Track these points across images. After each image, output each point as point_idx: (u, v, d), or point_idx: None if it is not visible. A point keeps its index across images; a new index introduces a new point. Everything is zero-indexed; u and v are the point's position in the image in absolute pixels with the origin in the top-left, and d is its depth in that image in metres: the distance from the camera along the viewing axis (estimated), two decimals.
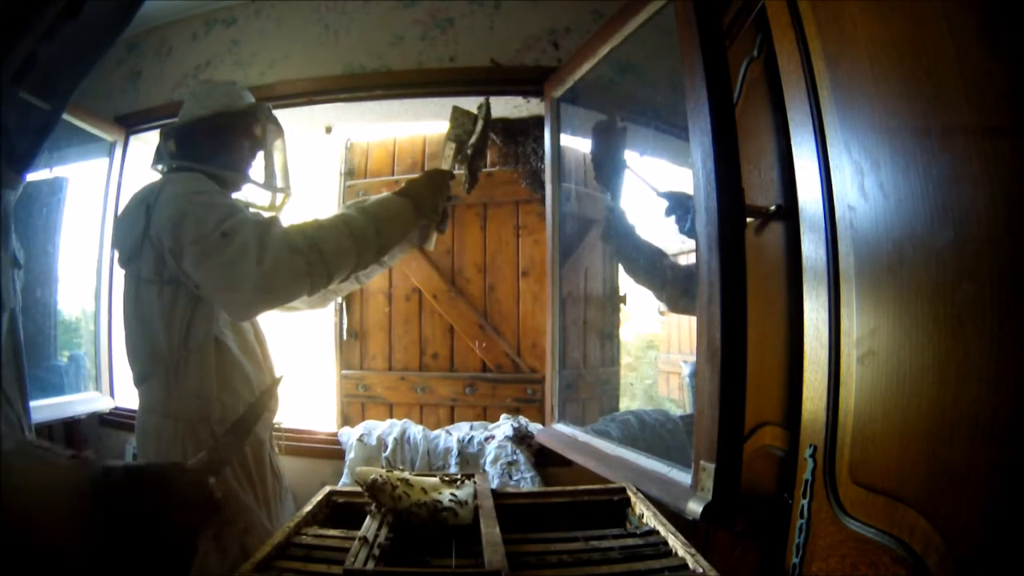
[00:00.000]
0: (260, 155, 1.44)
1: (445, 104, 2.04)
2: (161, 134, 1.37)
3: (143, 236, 1.21)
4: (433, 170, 1.41)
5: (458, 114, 1.44)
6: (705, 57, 0.99)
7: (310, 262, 1.13)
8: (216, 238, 1.12)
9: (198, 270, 1.13)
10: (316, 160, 2.38)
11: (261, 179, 1.42)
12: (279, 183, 1.46)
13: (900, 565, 0.74)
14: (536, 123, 2.06)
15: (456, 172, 1.42)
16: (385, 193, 1.32)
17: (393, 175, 2.27)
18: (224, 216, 1.15)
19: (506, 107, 2.05)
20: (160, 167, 1.38)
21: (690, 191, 1.09)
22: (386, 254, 1.32)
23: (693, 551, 0.76)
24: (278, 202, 1.48)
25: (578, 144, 2.01)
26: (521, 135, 2.12)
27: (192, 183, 1.24)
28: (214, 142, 1.35)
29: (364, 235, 1.21)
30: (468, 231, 2.19)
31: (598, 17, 1.80)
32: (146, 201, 1.23)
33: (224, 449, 0.70)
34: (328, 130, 2.23)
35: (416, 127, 2.27)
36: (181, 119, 1.37)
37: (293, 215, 1.46)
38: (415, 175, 2.20)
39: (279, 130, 1.46)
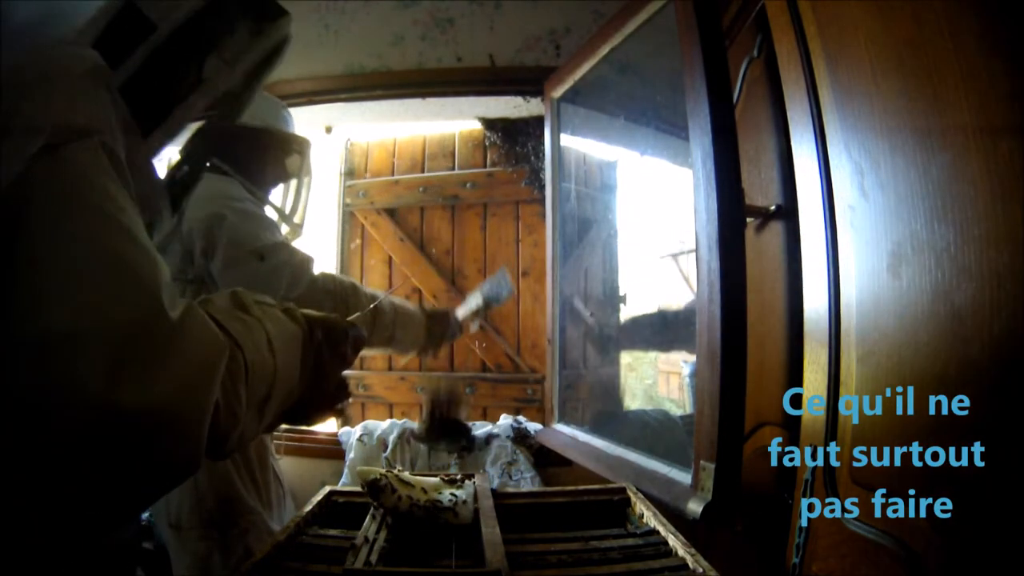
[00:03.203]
0: (284, 185, 1.46)
1: (446, 104, 2.05)
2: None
3: (172, 232, 1.21)
4: (458, 325, 1.50)
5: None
6: (705, 57, 0.99)
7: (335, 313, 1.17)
8: (249, 251, 1.16)
9: (224, 275, 1.16)
10: (316, 160, 2.37)
11: (279, 207, 1.43)
12: (296, 219, 1.46)
13: (900, 565, 0.74)
14: (536, 123, 2.05)
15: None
16: (414, 308, 1.41)
17: (393, 175, 2.27)
18: (261, 229, 1.19)
19: (506, 107, 2.05)
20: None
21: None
22: (385, 350, 1.44)
23: (693, 551, 0.76)
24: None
25: (578, 144, 2.01)
26: (521, 135, 2.12)
27: (228, 187, 1.26)
28: (252, 154, 1.35)
29: (382, 325, 1.29)
30: (468, 231, 2.19)
31: (598, 17, 1.80)
32: None
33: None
34: (328, 130, 2.23)
35: (416, 127, 2.27)
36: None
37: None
38: (415, 174, 2.21)
39: (310, 170, 1.48)
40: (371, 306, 0.99)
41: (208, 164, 1.32)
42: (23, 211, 0.46)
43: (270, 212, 1.43)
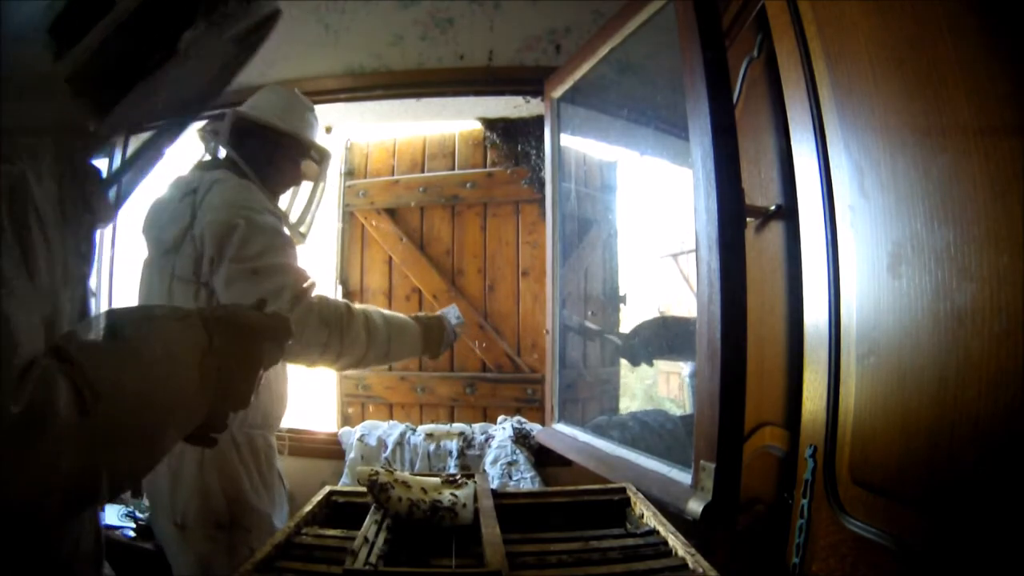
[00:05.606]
0: (295, 190, 1.46)
1: (446, 104, 2.05)
2: (228, 116, 1.33)
3: (185, 233, 1.20)
4: (452, 330, 1.47)
5: None
6: (705, 57, 0.99)
7: (328, 343, 1.17)
8: (250, 268, 1.14)
9: (225, 293, 1.16)
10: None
11: (287, 212, 1.42)
12: (303, 229, 1.44)
13: (900, 565, 0.74)
14: (536, 123, 2.05)
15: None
16: (407, 318, 1.38)
17: (393, 175, 2.27)
18: (267, 247, 1.17)
19: (506, 107, 2.05)
20: (208, 145, 1.36)
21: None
22: (384, 364, 1.43)
23: (693, 551, 0.76)
24: None
25: (578, 144, 2.01)
26: (521, 135, 2.12)
27: (244, 192, 1.24)
28: (272, 156, 1.34)
29: (377, 342, 1.27)
30: (468, 231, 2.19)
31: (598, 17, 1.80)
32: (192, 196, 1.21)
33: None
34: (328, 130, 2.23)
35: (416, 127, 2.27)
36: (254, 114, 1.33)
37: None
38: (415, 174, 2.21)
39: (325, 183, 1.48)
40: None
41: (224, 155, 1.30)
42: None
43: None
